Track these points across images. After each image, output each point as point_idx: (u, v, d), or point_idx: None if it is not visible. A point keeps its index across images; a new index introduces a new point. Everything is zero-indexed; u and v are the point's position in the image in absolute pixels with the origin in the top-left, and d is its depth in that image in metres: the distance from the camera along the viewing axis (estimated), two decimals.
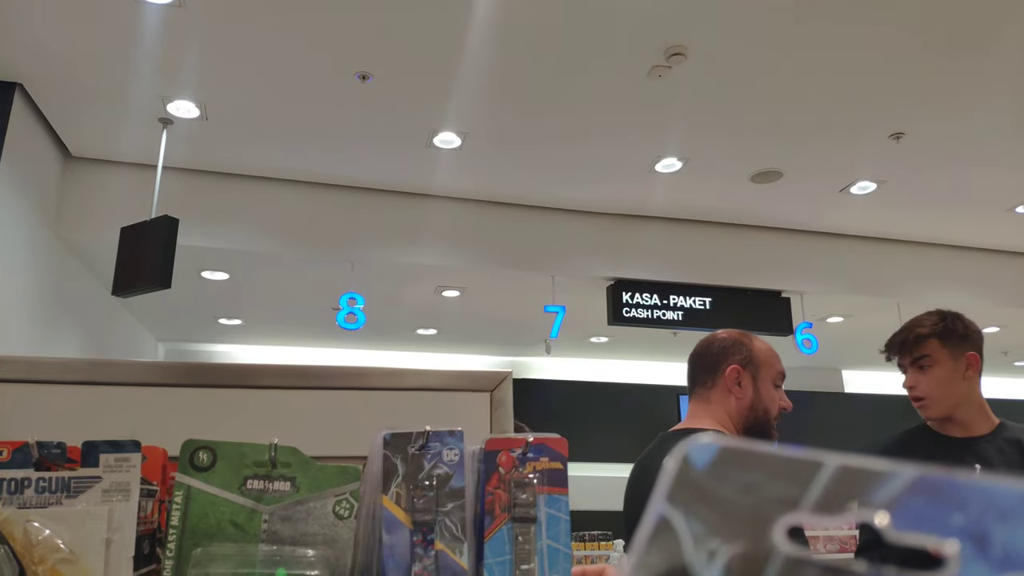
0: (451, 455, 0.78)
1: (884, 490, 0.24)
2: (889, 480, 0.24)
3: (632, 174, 5.58)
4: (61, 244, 5.21)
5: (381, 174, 5.59)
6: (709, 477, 0.27)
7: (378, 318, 6.73)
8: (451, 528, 0.75)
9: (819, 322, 7.27)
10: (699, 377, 1.97)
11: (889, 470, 0.24)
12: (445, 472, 0.77)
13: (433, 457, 0.77)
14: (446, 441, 0.78)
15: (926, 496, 0.23)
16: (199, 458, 0.73)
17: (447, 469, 0.77)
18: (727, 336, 1.99)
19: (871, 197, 5.96)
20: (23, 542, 0.67)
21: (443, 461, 0.77)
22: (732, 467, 0.27)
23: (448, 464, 0.78)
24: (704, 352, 2.00)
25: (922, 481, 0.23)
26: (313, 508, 0.74)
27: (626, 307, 6.14)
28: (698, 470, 0.28)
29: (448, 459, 0.78)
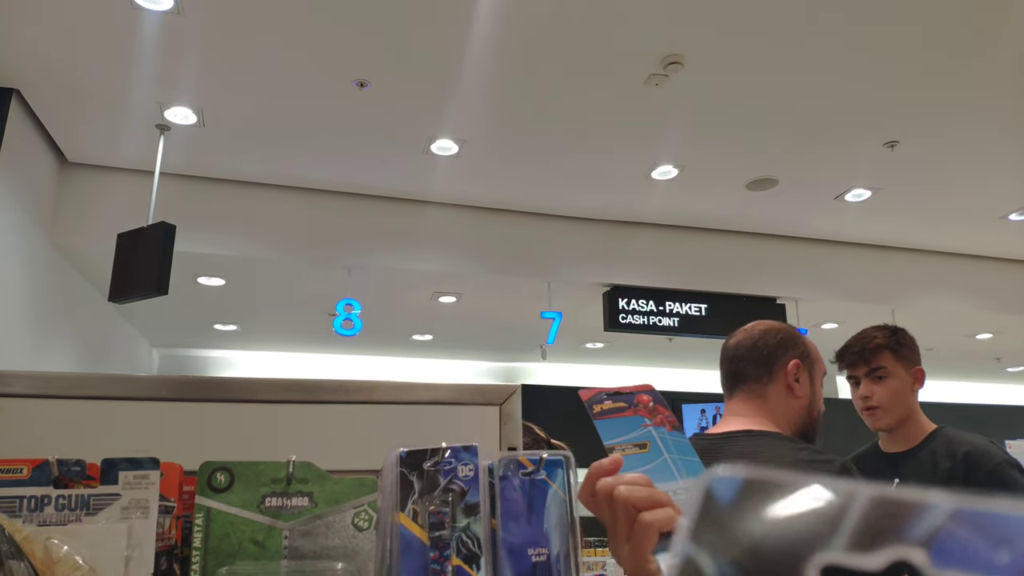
0: (466, 471, 0.79)
1: (921, 524, 0.22)
2: (926, 512, 0.22)
3: (628, 181, 5.60)
4: (57, 250, 5.19)
5: (378, 181, 5.60)
6: (734, 512, 0.25)
7: (374, 324, 6.72)
8: (467, 543, 0.76)
9: (814, 328, 7.29)
10: (751, 372, 1.77)
11: (926, 501, 0.22)
12: (460, 488, 0.77)
13: (448, 473, 0.77)
14: (461, 457, 0.79)
15: (967, 529, 0.21)
16: (217, 479, 0.73)
17: (462, 484, 0.78)
18: (781, 327, 1.81)
19: (865, 204, 5.99)
20: (43, 559, 0.68)
21: (458, 477, 0.78)
22: (758, 501, 0.25)
23: (463, 480, 0.78)
24: (759, 344, 1.79)
25: (962, 513, 0.22)
26: (332, 522, 0.74)
27: (622, 313, 6.16)
28: (722, 505, 0.26)
29: (463, 475, 0.78)
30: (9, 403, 0.91)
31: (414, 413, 1.05)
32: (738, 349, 1.81)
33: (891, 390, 2.12)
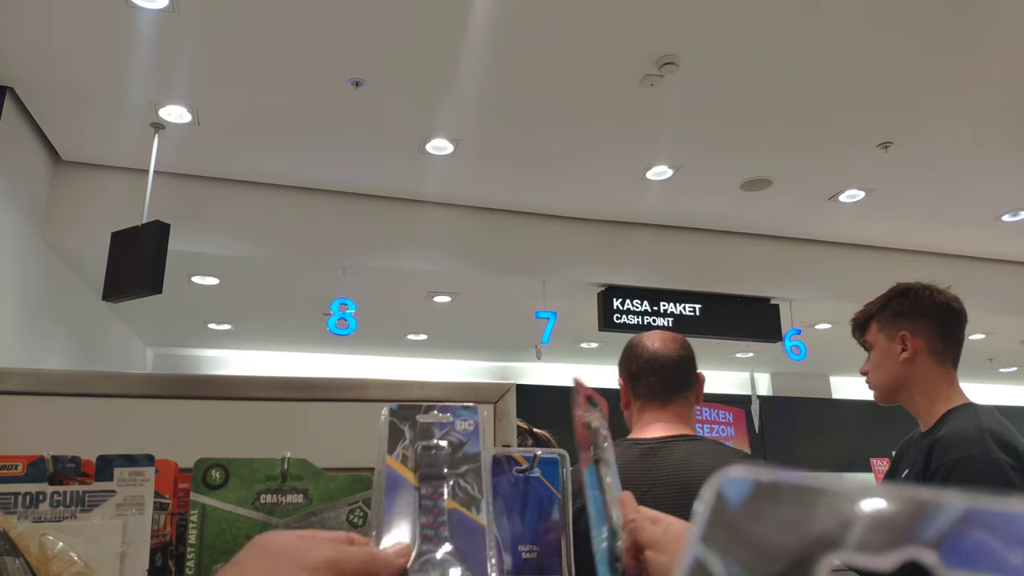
0: (465, 425, 0.75)
1: (932, 524, 0.22)
2: (937, 513, 0.22)
3: (623, 181, 5.61)
4: (50, 249, 5.18)
5: (373, 180, 5.59)
6: (745, 515, 0.25)
7: (369, 324, 6.72)
8: (466, 488, 0.70)
9: (808, 329, 7.32)
10: (688, 380, 1.79)
11: (935, 501, 0.22)
12: (459, 439, 0.74)
13: (445, 426, 0.74)
14: (459, 413, 0.75)
15: (979, 530, 0.21)
16: (212, 476, 0.74)
17: (461, 437, 0.74)
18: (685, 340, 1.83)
19: (859, 205, 6.01)
20: (38, 556, 0.68)
21: (455, 430, 0.74)
22: (769, 503, 0.25)
23: (462, 433, 0.75)
24: (688, 357, 1.81)
25: (973, 513, 0.21)
26: (327, 519, 0.75)
27: (617, 313, 6.17)
28: (733, 507, 0.26)
29: (461, 428, 0.75)
30: (2, 400, 0.91)
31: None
32: (680, 358, 1.79)
33: (873, 363, 1.89)
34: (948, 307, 1.81)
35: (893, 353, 1.83)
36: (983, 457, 1.55)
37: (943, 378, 1.79)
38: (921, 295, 1.83)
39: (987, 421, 1.65)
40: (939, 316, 1.81)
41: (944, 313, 1.81)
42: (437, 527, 0.66)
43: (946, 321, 1.81)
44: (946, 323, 1.81)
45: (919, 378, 1.80)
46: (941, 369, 1.79)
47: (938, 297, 1.83)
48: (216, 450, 0.77)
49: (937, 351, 1.79)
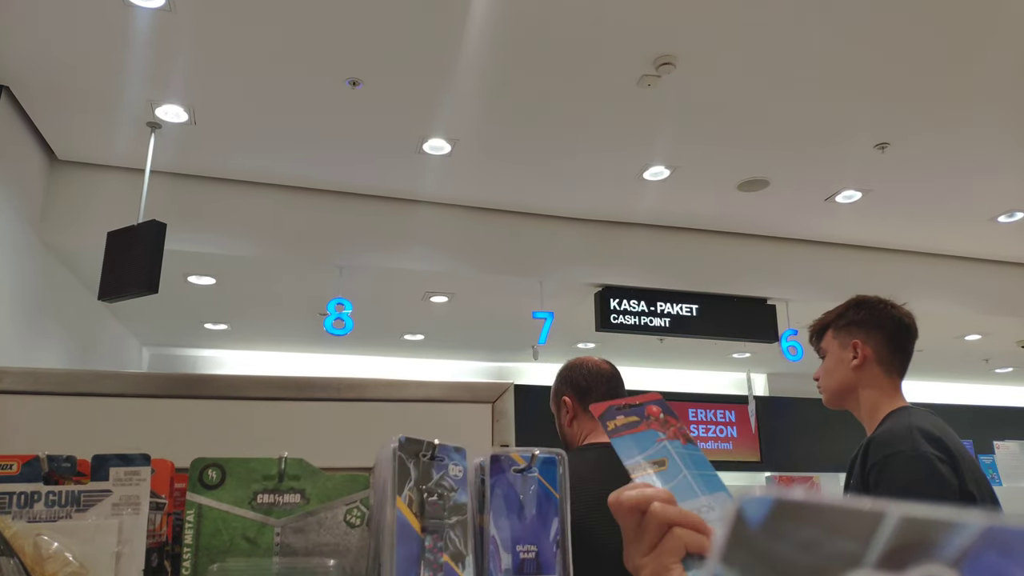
0: (456, 471, 0.79)
1: (952, 543, 0.22)
2: (957, 531, 0.22)
3: (620, 182, 5.61)
4: (46, 248, 5.16)
5: (371, 179, 5.59)
6: (765, 534, 0.25)
7: (366, 324, 6.71)
8: (454, 541, 0.76)
9: (804, 329, 7.32)
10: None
11: (956, 520, 0.22)
12: (450, 485, 0.77)
13: (440, 468, 0.78)
14: (452, 456, 0.79)
15: (998, 549, 0.21)
16: (208, 476, 0.73)
17: (452, 483, 0.78)
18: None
19: (856, 206, 6.02)
20: (33, 556, 0.67)
21: (449, 475, 0.78)
22: (789, 522, 0.25)
23: (453, 479, 0.78)
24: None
25: (992, 532, 0.21)
26: (324, 518, 0.74)
27: (614, 313, 6.17)
28: (753, 527, 0.26)
29: (453, 474, 0.78)
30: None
31: (406, 411, 1.05)
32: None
33: (825, 368, 1.98)
34: (900, 321, 1.92)
35: (845, 360, 1.92)
36: (911, 451, 1.64)
37: (889, 386, 1.88)
38: (876, 307, 1.94)
39: (918, 420, 1.75)
40: (891, 328, 1.91)
41: (896, 326, 1.91)
42: None
43: (896, 334, 1.91)
44: (896, 336, 1.91)
45: (866, 384, 1.89)
46: (887, 378, 1.88)
47: (892, 311, 1.93)
48: (213, 450, 0.77)
49: (885, 360, 1.89)
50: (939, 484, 1.60)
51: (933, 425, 1.73)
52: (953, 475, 1.62)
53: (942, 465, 1.61)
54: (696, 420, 8.72)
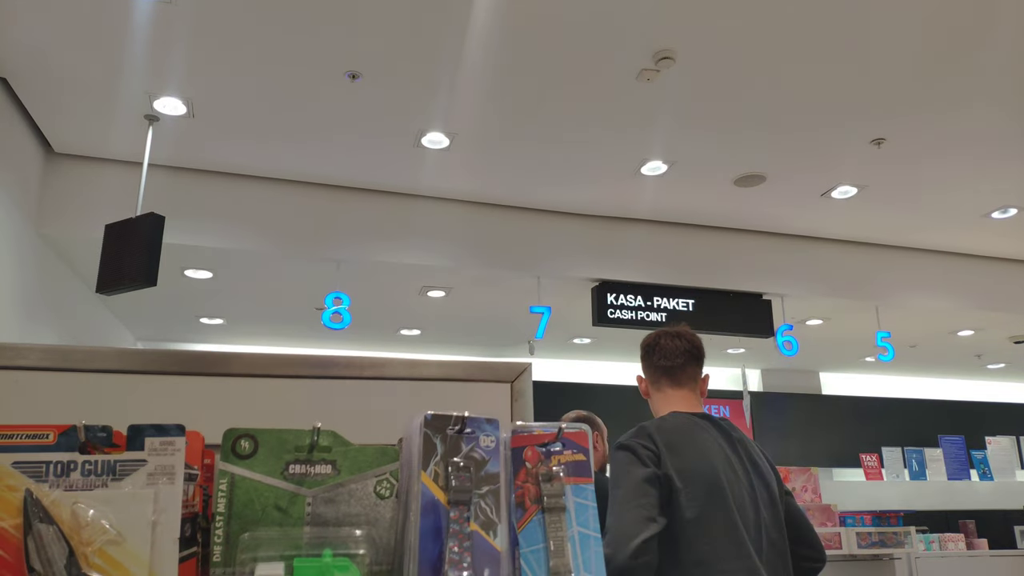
0: (488, 441, 0.80)
1: None
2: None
3: (618, 176, 5.63)
4: (42, 241, 5.14)
5: (368, 174, 5.59)
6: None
7: (362, 318, 6.71)
8: (486, 511, 0.77)
9: (799, 324, 7.36)
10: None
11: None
12: (481, 456, 0.79)
13: (470, 440, 0.79)
14: (483, 428, 0.80)
15: None
16: (241, 446, 0.74)
17: (483, 454, 0.79)
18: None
19: (852, 202, 6.05)
20: (71, 524, 0.68)
21: (480, 446, 0.79)
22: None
23: (484, 450, 0.79)
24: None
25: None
26: (355, 490, 0.75)
27: (611, 308, 6.19)
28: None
29: (484, 445, 0.80)
30: (24, 376, 0.91)
31: (426, 389, 1.06)
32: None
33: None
34: (645, 346, 2.22)
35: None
36: (621, 441, 1.97)
37: (661, 400, 2.15)
38: (649, 339, 2.24)
39: (655, 420, 2.05)
40: (644, 355, 2.22)
41: (644, 352, 2.21)
42: (462, 552, 0.74)
43: (646, 356, 2.20)
44: (647, 358, 2.20)
45: (652, 405, 2.18)
46: (659, 394, 2.16)
47: (646, 340, 2.24)
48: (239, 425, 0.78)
49: (652, 381, 2.19)
50: (628, 463, 1.90)
51: (662, 425, 2.00)
52: (651, 462, 1.89)
53: (641, 451, 1.91)
54: None
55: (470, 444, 0.78)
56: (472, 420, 0.80)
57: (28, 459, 0.69)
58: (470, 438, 0.79)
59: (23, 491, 0.68)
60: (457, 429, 0.79)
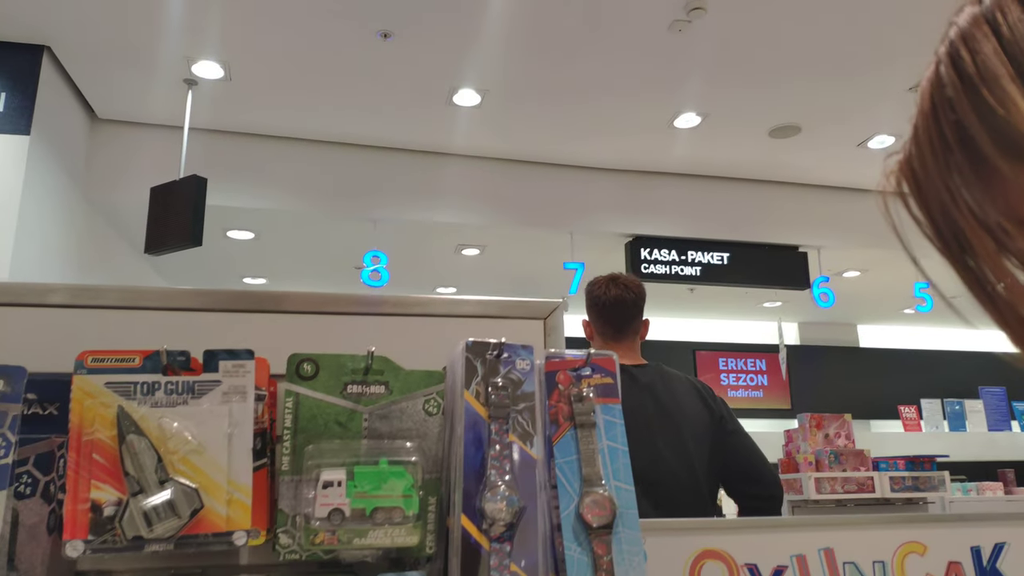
0: (523, 364, 0.88)
1: None
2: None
3: (651, 130, 5.61)
4: (90, 205, 5.32)
5: (402, 133, 5.64)
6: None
7: (399, 277, 6.82)
8: (523, 424, 0.85)
9: (836, 277, 7.31)
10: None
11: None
12: (518, 377, 0.86)
13: (507, 364, 0.86)
14: (519, 353, 0.88)
15: None
16: (304, 368, 0.83)
17: (520, 375, 0.87)
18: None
19: (890, 150, 5.96)
20: (158, 436, 0.77)
21: (516, 369, 0.87)
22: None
23: (521, 372, 0.87)
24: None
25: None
26: (405, 407, 0.84)
27: (644, 263, 6.21)
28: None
29: (520, 367, 0.87)
30: (100, 314, 1.01)
31: (466, 325, 1.14)
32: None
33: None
34: (589, 294, 2.33)
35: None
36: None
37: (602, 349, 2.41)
38: (587, 290, 2.36)
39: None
40: (589, 303, 2.34)
41: (589, 300, 2.32)
42: (502, 459, 0.82)
43: (591, 305, 2.32)
44: (592, 307, 2.31)
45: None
46: (604, 344, 2.27)
47: (589, 287, 2.36)
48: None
49: (598, 331, 2.31)
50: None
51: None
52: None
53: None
54: (726, 369, 8.79)
55: (507, 367, 0.86)
56: (509, 346, 0.88)
57: (118, 380, 0.79)
58: (507, 362, 0.87)
59: (116, 407, 0.78)
60: (495, 354, 0.87)
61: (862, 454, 3.31)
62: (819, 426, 3.47)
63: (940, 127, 0.46)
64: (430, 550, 0.82)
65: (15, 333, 0.99)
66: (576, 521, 0.83)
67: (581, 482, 0.85)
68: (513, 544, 0.80)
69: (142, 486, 0.75)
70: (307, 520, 0.77)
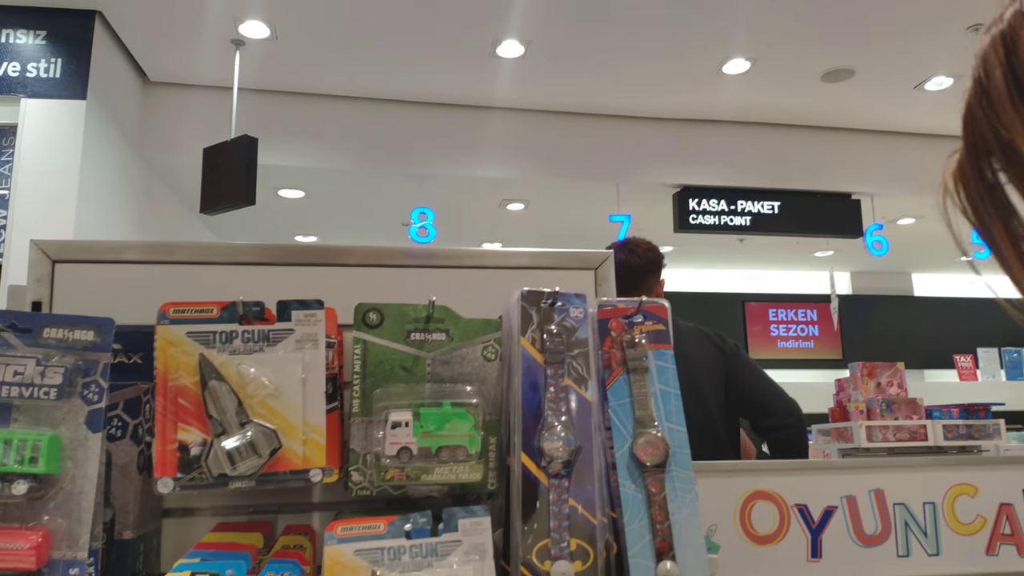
0: (576, 312, 0.91)
1: None
2: None
3: (699, 77, 5.50)
4: (146, 167, 5.46)
5: (446, 88, 5.64)
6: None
7: (444, 233, 6.88)
8: (577, 369, 0.88)
9: (890, 224, 7.14)
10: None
11: None
12: (572, 325, 0.90)
13: (561, 312, 0.90)
14: (572, 301, 0.91)
15: None
16: (369, 317, 0.87)
17: (573, 323, 0.90)
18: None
19: (947, 93, 5.75)
20: (237, 381, 0.83)
21: (570, 316, 0.90)
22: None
23: (574, 319, 0.90)
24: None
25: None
26: (466, 353, 0.88)
27: (692, 214, 6.15)
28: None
29: (574, 315, 0.91)
30: (172, 269, 1.07)
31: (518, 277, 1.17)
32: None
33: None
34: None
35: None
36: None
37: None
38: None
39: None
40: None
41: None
42: (558, 402, 0.86)
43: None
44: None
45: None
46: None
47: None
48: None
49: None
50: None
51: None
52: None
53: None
54: (776, 320, 8.71)
55: (561, 315, 0.90)
56: (562, 295, 0.91)
57: (198, 329, 0.84)
58: (561, 310, 0.90)
59: (197, 355, 0.83)
60: (550, 302, 0.91)
61: (915, 403, 3.28)
62: (871, 375, 3.44)
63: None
64: (492, 486, 0.87)
65: (95, 288, 1.06)
66: (630, 460, 0.87)
67: (634, 423, 0.88)
68: (570, 481, 0.84)
69: (224, 428, 0.81)
70: (377, 458, 0.83)
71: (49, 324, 0.81)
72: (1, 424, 0.77)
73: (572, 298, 0.92)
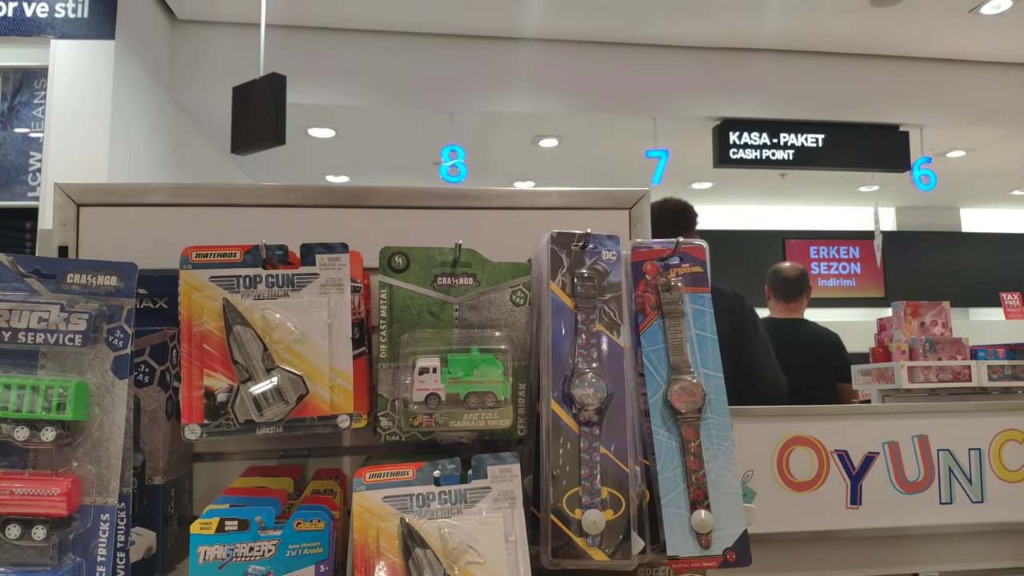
0: (609, 255, 0.87)
1: None
2: None
3: (739, 2, 5.27)
4: (176, 107, 5.45)
5: (475, 18, 5.48)
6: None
7: (475, 171, 6.80)
8: (610, 314, 0.85)
9: (938, 157, 6.88)
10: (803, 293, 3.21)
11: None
12: (604, 268, 0.86)
13: (593, 255, 0.86)
14: (604, 243, 0.87)
15: None
16: (395, 261, 0.85)
17: (605, 266, 0.87)
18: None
19: (1005, 16, 5.44)
20: (262, 326, 0.81)
21: (602, 260, 0.87)
22: None
23: (607, 263, 0.87)
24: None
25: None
26: (494, 298, 0.85)
27: (733, 148, 5.99)
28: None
29: (606, 258, 0.87)
30: (197, 212, 1.05)
31: (550, 217, 1.13)
32: (800, 274, 3.35)
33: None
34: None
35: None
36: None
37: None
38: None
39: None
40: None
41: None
42: (589, 348, 0.83)
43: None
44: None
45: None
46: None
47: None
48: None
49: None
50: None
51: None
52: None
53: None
54: (817, 258, 8.54)
55: (592, 258, 0.86)
56: (594, 236, 0.88)
57: (222, 274, 0.82)
58: (592, 253, 0.87)
59: (221, 300, 0.82)
60: (581, 245, 0.87)
61: (959, 342, 3.20)
62: (915, 314, 3.36)
63: None
64: (521, 432, 0.85)
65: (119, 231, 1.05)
66: (664, 407, 0.84)
67: (669, 370, 0.85)
68: (602, 428, 0.82)
69: (251, 374, 0.80)
70: (405, 404, 0.81)
71: (72, 269, 0.80)
72: (28, 371, 0.76)
73: (604, 240, 0.88)
